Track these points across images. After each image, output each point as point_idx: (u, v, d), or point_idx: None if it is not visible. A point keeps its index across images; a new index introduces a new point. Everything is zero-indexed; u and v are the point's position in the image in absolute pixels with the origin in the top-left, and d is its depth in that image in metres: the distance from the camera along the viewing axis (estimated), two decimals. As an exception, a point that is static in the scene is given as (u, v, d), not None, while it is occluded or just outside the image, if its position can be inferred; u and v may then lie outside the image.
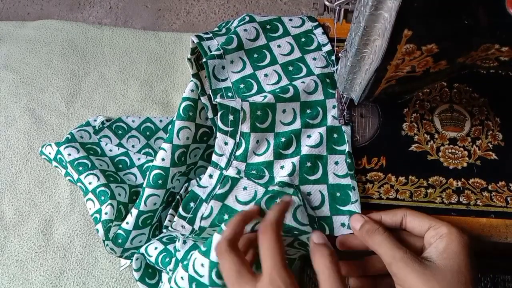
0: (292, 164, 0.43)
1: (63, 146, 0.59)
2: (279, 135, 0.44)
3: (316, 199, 0.42)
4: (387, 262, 0.35)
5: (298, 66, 0.48)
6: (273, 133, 0.44)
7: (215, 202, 0.42)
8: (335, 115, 0.45)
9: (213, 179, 0.44)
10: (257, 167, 0.43)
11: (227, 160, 0.44)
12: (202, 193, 0.43)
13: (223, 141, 0.44)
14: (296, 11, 0.77)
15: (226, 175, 0.43)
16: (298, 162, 0.43)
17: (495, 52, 0.30)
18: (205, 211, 0.42)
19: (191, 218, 0.42)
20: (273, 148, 0.43)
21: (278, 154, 0.44)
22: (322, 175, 0.43)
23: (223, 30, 0.52)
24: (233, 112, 0.43)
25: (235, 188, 0.43)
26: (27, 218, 0.61)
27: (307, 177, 0.42)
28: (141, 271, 0.52)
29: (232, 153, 0.44)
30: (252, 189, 0.42)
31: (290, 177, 0.42)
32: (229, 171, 0.43)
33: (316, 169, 0.43)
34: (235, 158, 0.44)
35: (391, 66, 0.30)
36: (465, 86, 0.47)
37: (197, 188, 0.44)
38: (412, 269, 0.33)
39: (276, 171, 0.43)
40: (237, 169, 0.43)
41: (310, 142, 0.44)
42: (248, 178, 0.43)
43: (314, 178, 0.42)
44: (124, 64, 0.70)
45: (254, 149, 0.43)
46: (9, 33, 0.73)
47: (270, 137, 0.44)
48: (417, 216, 0.37)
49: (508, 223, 0.41)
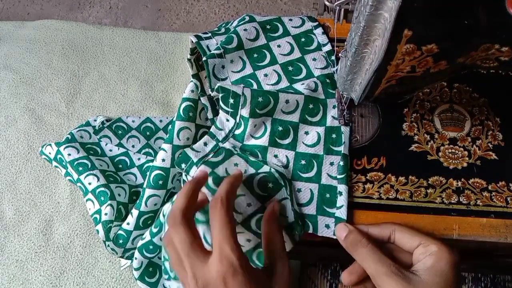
0: (286, 157, 0.43)
1: (63, 146, 0.59)
2: (276, 121, 0.44)
3: (305, 196, 0.42)
4: (371, 274, 0.35)
5: (298, 66, 0.48)
6: (271, 118, 0.44)
7: (205, 167, 0.42)
8: (335, 115, 0.45)
9: (207, 147, 0.44)
10: (251, 150, 0.44)
11: (225, 135, 0.45)
12: (194, 156, 0.43)
13: (225, 118, 0.45)
14: (296, 11, 0.77)
15: (221, 147, 0.44)
16: (292, 158, 0.43)
17: (495, 52, 0.30)
18: (195, 174, 0.43)
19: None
20: (269, 134, 0.44)
21: (274, 142, 0.44)
22: (315, 174, 0.43)
23: (222, 30, 0.52)
24: (233, 96, 0.43)
25: (227, 161, 0.43)
26: (27, 218, 0.61)
27: (300, 174, 0.43)
28: (141, 270, 0.52)
29: (232, 131, 0.45)
30: (243, 168, 0.43)
31: (284, 169, 0.43)
32: (225, 144, 0.44)
33: (310, 168, 0.43)
34: (233, 136, 0.44)
35: (391, 66, 0.30)
36: (465, 86, 0.47)
37: (189, 150, 0.44)
38: (396, 282, 0.33)
39: (269, 158, 0.43)
40: (232, 145, 0.44)
41: (307, 141, 0.44)
42: (240, 155, 0.43)
43: (307, 176, 0.43)
44: (124, 64, 0.70)
45: (251, 132, 0.44)
46: (9, 33, 0.73)
47: (268, 122, 0.44)
48: (407, 233, 0.37)
49: (508, 223, 0.41)
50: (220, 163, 0.43)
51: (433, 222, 0.41)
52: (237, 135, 0.44)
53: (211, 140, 0.45)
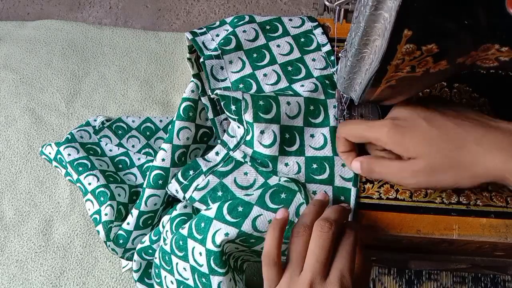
0: (297, 164, 0.43)
1: (63, 146, 0.59)
2: (283, 129, 0.44)
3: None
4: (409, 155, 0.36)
5: (297, 66, 0.48)
6: (279, 125, 0.43)
7: (213, 177, 0.43)
8: (336, 115, 0.45)
9: (219, 156, 0.44)
10: (262, 159, 0.43)
11: (236, 142, 0.45)
12: (204, 166, 0.44)
13: (236, 125, 0.45)
14: (296, 11, 0.77)
15: (231, 156, 0.44)
16: (303, 163, 0.43)
17: (495, 52, 0.30)
18: (202, 182, 0.43)
19: (186, 186, 0.43)
20: (278, 143, 0.43)
21: (282, 150, 0.43)
22: (328, 176, 0.43)
23: (217, 23, 0.52)
24: (234, 102, 0.43)
25: (237, 171, 0.43)
26: (27, 218, 0.61)
27: (314, 176, 0.43)
28: (140, 272, 0.52)
29: (243, 137, 0.44)
30: (252, 177, 0.43)
31: (296, 175, 0.42)
32: (236, 153, 0.44)
33: (323, 170, 0.43)
34: (245, 143, 0.44)
35: (391, 66, 0.30)
36: (465, 86, 0.47)
37: (201, 159, 0.44)
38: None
39: (280, 167, 0.43)
40: (243, 153, 0.44)
41: (314, 144, 0.44)
42: (251, 165, 0.43)
43: (320, 178, 0.43)
44: (124, 64, 0.70)
45: (259, 139, 0.43)
46: (9, 33, 0.73)
47: (276, 129, 0.43)
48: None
49: (508, 223, 0.41)
50: (229, 172, 0.43)
51: (433, 222, 0.41)
52: (248, 141, 0.44)
53: (222, 149, 0.45)
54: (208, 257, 0.38)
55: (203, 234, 0.39)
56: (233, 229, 0.38)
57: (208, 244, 0.38)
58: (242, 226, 0.38)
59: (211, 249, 0.38)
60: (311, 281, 0.33)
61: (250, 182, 0.43)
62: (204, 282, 0.40)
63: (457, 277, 0.56)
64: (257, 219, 0.38)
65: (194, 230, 0.40)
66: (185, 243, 0.40)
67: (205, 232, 0.39)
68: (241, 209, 0.39)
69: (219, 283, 0.39)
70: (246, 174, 0.43)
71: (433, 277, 0.56)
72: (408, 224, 0.41)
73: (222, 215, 0.39)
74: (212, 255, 0.38)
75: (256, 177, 0.43)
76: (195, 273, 0.40)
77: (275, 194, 0.40)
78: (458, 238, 0.40)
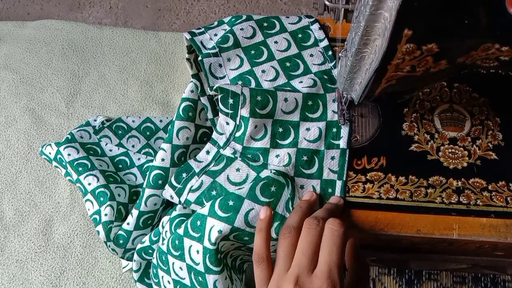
0: (288, 155, 0.43)
1: (63, 146, 0.59)
2: (277, 122, 0.44)
3: None
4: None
5: (295, 62, 0.48)
6: (271, 119, 0.44)
7: (206, 177, 0.43)
8: (335, 109, 0.45)
9: (210, 155, 0.45)
10: (253, 152, 0.44)
11: (226, 139, 0.45)
12: (196, 167, 0.44)
13: (225, 121, 0.45)
14: (296, 11, 0.77)
15: (222, 154, 0.44)
16: (294, 154, 0.43)
17: (495, 52, 0.30)
18: (195, 183, 0.43)
19: (180, 189, 0.43)
20: (270, 136, 0.44)
21: (275, 143, 0.44)
22: (317, 170, 0.43)
23: (215, 23, 0.52)
24: (233, 96, 0.43)
25: (228, 168, 0.43)
26: (27, 218, 0.61)
27: (303, 170, 0.43)
28: (140, 272, 0.52)
29: (232, 134, 0.44)
30: (245, 172, 0.43)
31: (285, 167, 0.42)
32: (226, 151, 0.44)
33: (312, 164, 0.43)
34: (234, 139, 0.44)
35: (391, 66, 0.30)
36: (465, 86, 0.47)
37: (192, 161, 0.45)
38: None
39: (270, 159, 0.43)
40: (233, 149, 0.44)
41: (309, 137, 0.44)
42: (242, 160, 0.43)
43: (309, 172, 0.43)
44: (124, 64, 0.70)
45: (252, 134, 0.44)
46: (9, 33, 0.73)
47: (268, 124, 0.44)
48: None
49: (508, 223, 0.41)
50: (221, 170, 0.43)
51: (433, 222, 0.41)
52: (237, 137, 0.44)
53: (213, 147, 0.45)
54: (204, 255, 0.39)
55: (200, 232, 0.39)
56: (226, 225, 0.38)
57: (205, 242, 0.39)
58: (235, 222, 0.38)
59: (208, 247, 0.38)
60: (298, 274, 0.33)
61: (243, 177, 0.43)
62: (200, 281, 0.40)
63: (457, 277, 0.56)
64: (249, 213, 0.39)
65: (190, 229, 0.40)
66: (181, 242, 0.41)
67: (202, 230, 0.39)
68: (231, 203, 0.39)
69: (215, 282, 0.40)
70: (239, 170, 0.43)
71: (433, 277, 0.56)
72: (408, 224, 0.41)
73: (214, 211, 0.39)
74: (208, 253, 0.39)
75: (249, 172, 0.43)
76: (191, 272, 0.41)
77: (265, 187, 0.40)
78: (458, 238, 0.40)
